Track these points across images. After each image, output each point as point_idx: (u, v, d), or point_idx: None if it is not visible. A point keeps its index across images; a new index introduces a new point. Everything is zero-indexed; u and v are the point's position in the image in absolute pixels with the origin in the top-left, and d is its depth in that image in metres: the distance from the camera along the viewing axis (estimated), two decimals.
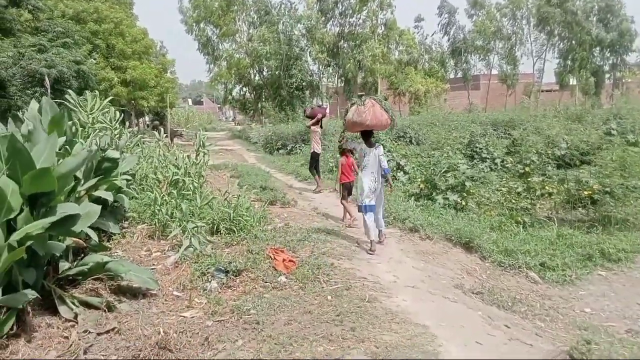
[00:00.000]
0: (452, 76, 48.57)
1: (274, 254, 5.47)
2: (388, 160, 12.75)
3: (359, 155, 6.97)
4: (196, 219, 6.22)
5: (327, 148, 16.55)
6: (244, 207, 6.58)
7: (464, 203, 8.87)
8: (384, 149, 7.31)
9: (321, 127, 11.30)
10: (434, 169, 10.10)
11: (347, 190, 8.28)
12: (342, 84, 39.02)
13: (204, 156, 7.71)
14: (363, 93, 7.09)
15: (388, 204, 8.43)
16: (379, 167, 6.75)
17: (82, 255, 4.61)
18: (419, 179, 10.49)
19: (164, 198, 6.39)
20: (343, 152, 8.15)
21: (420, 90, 37.83)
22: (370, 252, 6.26)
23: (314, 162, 11.36)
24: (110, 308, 3.93)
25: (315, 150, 11.31)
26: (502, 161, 14.09)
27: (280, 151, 20.86)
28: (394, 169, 12.33)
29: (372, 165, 6.70)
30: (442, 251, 6.59)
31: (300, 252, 5.81)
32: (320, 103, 39.63)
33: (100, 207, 4.00)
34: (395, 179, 12.05)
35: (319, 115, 11.32)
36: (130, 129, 23.17)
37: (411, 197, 9.49)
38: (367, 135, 6.87)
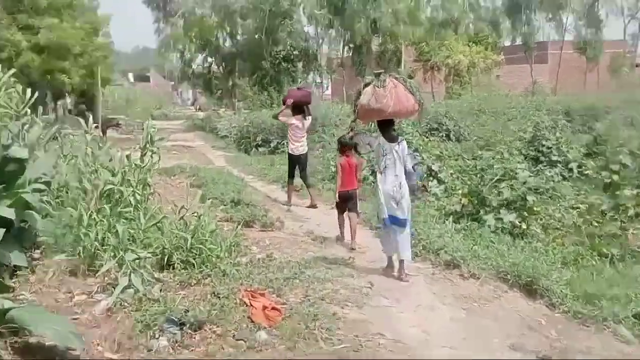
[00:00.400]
0: (507, 44, 49.04)
1: (250, 298, 5.47)
2: (416, 164, 12.81)
3: (376, 153, 7.20)
4: (138, 246, 6.22)
5: (329, 145, 16.65)
6: (208, 230, 6.59)
7: (524, 226, 8.90)
8: (408, 147, 7.55)
9: (305, 117, 11.52)
10: (481, 177, 10.16)
11: (346, 202, 8.56)
12: (350, 54, 39.29)
13: (151, 156, 7.73)
14: (381, 70, 7.25)
15: (415, 225, 8.48)
16: (403, 169, 7.02)
17: None
18: (460, 191, 10.55)
19: (93, 217, 6.39)
20: (343, 149, 8.50)
21: (462, 63, 38.12)
22: (402, 277, 6.80)
23: (291, 167, 11.69)
24: None
25: (291, 152, 11.62)
26: (580, 166, 14.24)
27: (261, 149, 20.95)
28: (425, 171, 12.43)
29: (394, 166, 6.99)
30: (492, 296, 6.59)
31: (288, 296, 5.80)
32: (314, 80, 39.86)
33: None
34: (426, 190, 12.10)
35: (289, 101, 11.49)
36: (46, 116, 23.20)
37: (448, 217, 9.54)
38: (387, 126, 7.10)
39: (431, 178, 12.52)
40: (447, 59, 38.67)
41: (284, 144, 20.41)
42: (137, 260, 5.77)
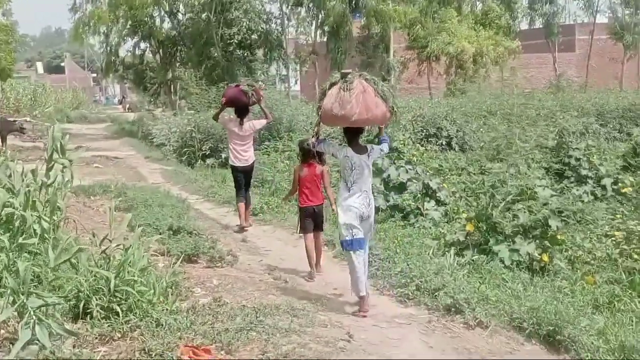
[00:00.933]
0: (524, 27, 49.80)
1: (191, 356, 5.43)
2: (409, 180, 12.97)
3: (341, 166, 7.77)
4: (45, 289, 6.15)
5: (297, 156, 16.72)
6: (137, 267, 6.54)
7: (545, 259, 8.98)
8: (382, 151, 8.20)
9: (242, 121, 12.22)
10: (491, 197, 10.25)
11: (308, 218, 9.20)
12: (325, 39, 39.54)
13: (63, 171, 7.67)
14: (349, 70, 7.73)
15: (408, 259, 8.75)
16: (370, 184, 7.74)
17: None
18: (464, 215, 10.63)
19: None
20: (306, 156, 9.18)
21: (466, 52, 38.60)
22: (360, 314, 7.39)
23: (236, 182, 12.45)
24: None
25: (231, 163, 12.51)
26: (615, 183, 14.43)
27: (209, 161, 20.97)
28: (420, 192, 12.68)
29: (362, 181, 7.63)
30: (505, 350, 6.65)
31: (241, 353, 5.77)
32: (277, 73, 39.87)
33: None
34: (421, 214, 12.20)
35: (223, 100, 12.38)
36: None
37: (449, 249, 9.61)
38: (355, 136, 7.74)
39: (427, 198, 12.64)
40: (448, 47, 39.11)
41: None
42: (43, 308, 5.70)
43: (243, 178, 12.26)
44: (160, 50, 39.11)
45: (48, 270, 6.43)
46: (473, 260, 9.09)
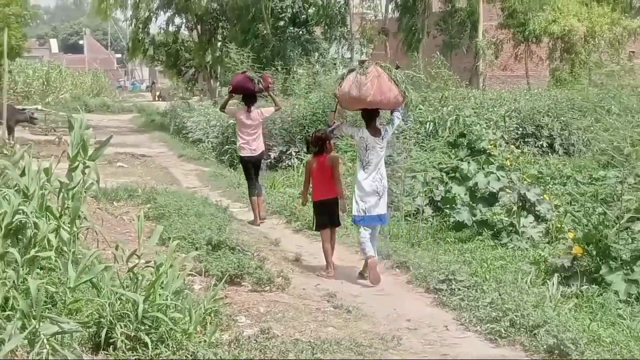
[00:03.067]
0: None
1: None
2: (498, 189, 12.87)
3: (357, 146, 10.45)
4: (62, 313, 6.22)
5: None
6: (171, 289, 6.58)
7: None
8: (393, 123, 10.63)
9: (250, 109, 14.29)
10: (604, 213, 10.09)
11: (324, 214, 10.72)
12: (398, 15, 39.38)
13: (84, 171, 7.76)
14: (366, 59, 11.37)
15: (501, 287, 8.71)
16: (384, 164, 10.42)
17: None
18: (570, 234, 10.47)
19: None
20: (319, 145, 10.68)
21: (575, 32, 37.83)
22: (370, 280, 9.97)
23: (246, 174, 14.66)
24: None
25: (240, 152, 14.63)
26: None
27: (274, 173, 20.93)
28: (515, 204, 12.58)
29: (376, 161, 10.22)
30: None
31: None
32: (339, 55, 39.59)
33: None
34: (515, 232, 12.05)
35: (229, 87, 14.95)
36: None
37: (551, 276, 9.47)
38: (371, 118, 10.36)
39: (524, 212, 12.46)
40: (552, 25, 38.46)
41: (291, 153, 20.49)
42: (58, 335, 5.77)
43: (252, 168, 14.37)
44: (199, 27, 39.41)
45: (65, 290, 6.48)
46: (581, 291, 8.96)
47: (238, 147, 14.61)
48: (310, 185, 10.91)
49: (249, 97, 14.38)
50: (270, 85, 14.71)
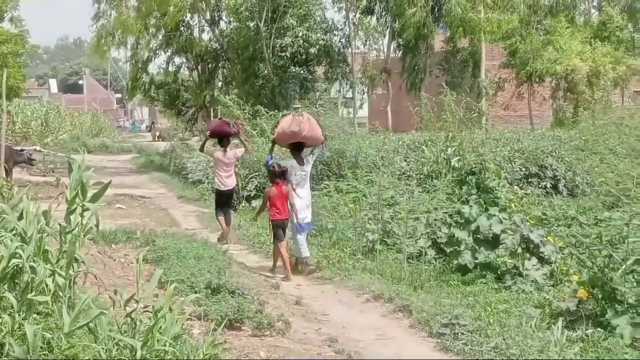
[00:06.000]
0: None
1: None
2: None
3: (289, 172, 13.65)
4: (59, 358, 6.22)
5: (365, 199, 16.79)
6: (170, 334, 6.59)
7: None
8: (313, 154, 14.43)
9: (226, 149, 16.98)
10: (609, 256, 10.09)
11: (279, 229, 13.48)
12: (400, 54, 39.49)
13: (82, 214, 7.79)
14: (299, 106, 12.43)
15: (502, 333, 8.72)
16: (309, 184, 14.33)
17: None
18: (575, 277, 10.48)
19: None
20: (273, 178, 13.78)
21: (579, 71, 37.96)
22: (305, 274, 13.23)
23: (218, 202, 17.03)
24: None
25: (217, 187, 17.25)
26: None
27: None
28: (518, 246, 12.57)
29: (303, 183, 13.98)
30: None
31: None
32: (341, 94, 39.56)
33: None
34: (519, 274, 12.05)
35: (207, 133, 17.91)
36: None
37: (556, 320, 9.45)
38: (298, 150, 14.06)
39: (528, 255, 12.47)
40: (555, 65, 38.64)
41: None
42: None
43: (226, 198, 17.02)
44: (199, 67, 39.46)
45: (61, 336, 6.48)
46: (587, 336, 8.92)
47: (215, 182, 17.42)
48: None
49: (224, 140, 17.14)
50: (240, 130, 17.95)
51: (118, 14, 37.05)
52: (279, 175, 13.57)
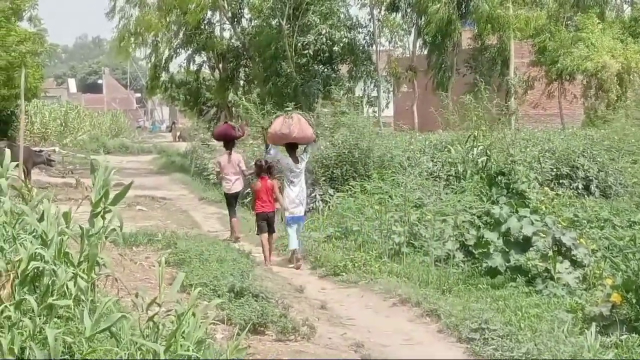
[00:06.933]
0: None
1: None
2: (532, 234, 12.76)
3: (284, 170, 15.29)
4: None
5: (398, 208, 16.78)
6: (193, 339, 6.54)
7: None
8: (307, 154, 15.78)
9: (230, 154, 18.03)
10: None
11: (263, 221, 14.90)
12: (426, 52, 39.38)
13: (104, 216, 7.76)
14: (290, 109, 15.25)
15: (534, 338, 8.68)
16: (304, 181, 15.42)
17: None
18: (608, 281, 10.36)
19: (6, 314, 6.40)
20: (259, 172, 15.16)
21: (610, 69, 37.59)
22: (294, 266, 14.48)
23: (229, 205, 18.24)
24: None
25: (225, 190, 18.43)
26: None
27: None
28: (550, 249, 12.49)
29: (298, 180, 15.12)
30: None
31: None
32: (365, 93, 39.58)
33: None
34: (551, 278, 11.95)
35: (213, 135, 19.58)
36: None
37: (589, 324, 9.33)
38: (293, 149, 15.17)
39: (560, 258, 12.33)
40: (586, 62, 38.29)
41: (314, 195, 20.49)
42: None
43: (233, 200, 18.09)
44: (220, 65, 39.48)
45: (82, 340, 6.45)
46: (621, 341, 8.82)
47: (224, 186, 18.39)
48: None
49: (229, 143, 18.24)
50: (244, 134, 19.68)
51: (141, 14, 37.03)
52: (265, 170, 15.03)
